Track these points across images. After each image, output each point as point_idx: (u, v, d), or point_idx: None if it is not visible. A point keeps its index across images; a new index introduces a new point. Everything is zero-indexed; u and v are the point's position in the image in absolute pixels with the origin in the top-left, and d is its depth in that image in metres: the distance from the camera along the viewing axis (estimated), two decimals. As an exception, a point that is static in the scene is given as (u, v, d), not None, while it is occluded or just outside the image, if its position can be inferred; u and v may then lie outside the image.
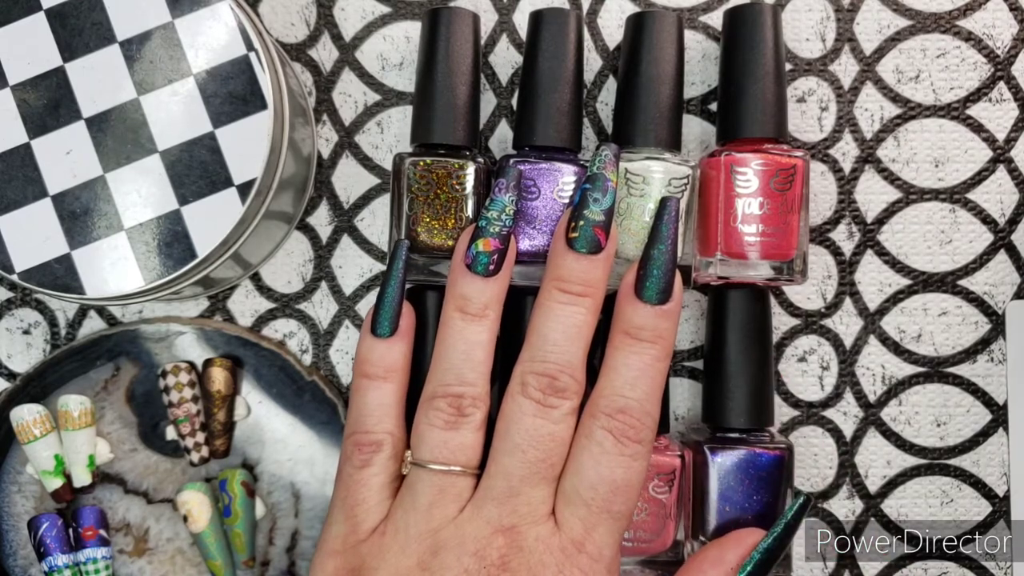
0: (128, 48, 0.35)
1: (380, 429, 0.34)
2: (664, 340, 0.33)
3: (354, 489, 0.34)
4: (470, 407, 0.33)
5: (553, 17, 0.37)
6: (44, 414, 0.40)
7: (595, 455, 0.32)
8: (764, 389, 0.37)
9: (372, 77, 0.41)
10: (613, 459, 0.32)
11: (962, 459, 0.41)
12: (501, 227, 0.34)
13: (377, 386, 0.34)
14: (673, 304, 0.34)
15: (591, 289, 0.34)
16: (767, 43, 0.37)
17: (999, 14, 0.41)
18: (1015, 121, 0.41)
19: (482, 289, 0.34)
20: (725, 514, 0.36)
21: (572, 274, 0.33)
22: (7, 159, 0.35)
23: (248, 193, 0.35)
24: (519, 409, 0.33)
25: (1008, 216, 0.41)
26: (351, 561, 0.33)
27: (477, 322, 0.34)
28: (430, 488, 0.33)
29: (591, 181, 0.34)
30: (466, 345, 0.34)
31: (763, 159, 0.36)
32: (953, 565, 0.40)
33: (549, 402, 0.33)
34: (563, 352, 0.33)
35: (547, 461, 0.33)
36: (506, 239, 0.34)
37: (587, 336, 0.34)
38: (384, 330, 0.35)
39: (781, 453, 0.36)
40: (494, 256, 0.34)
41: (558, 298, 0.33)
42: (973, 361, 0.41)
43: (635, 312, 0.33)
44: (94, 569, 0.39)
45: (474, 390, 0.33)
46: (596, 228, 0.33)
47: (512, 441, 0.33)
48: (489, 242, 0.34)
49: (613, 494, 0.32)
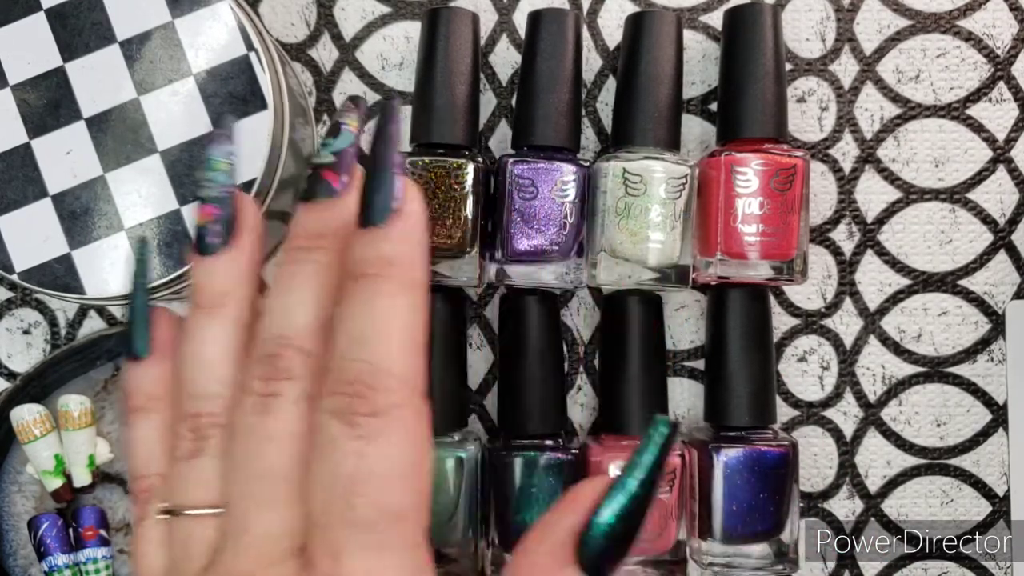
0: (128, 48, 0.35)
1: (150, 471, 0.27)
2: (397, 268, 0.24)
3: (137, 550, 0.26)
4: (210, 427, 0.25)
5: (552, 17, 0.37)
6: (44, 414, 0.40)
7: (323, 452, 0.23)
8: (766, 387, 0.37)
9: (372, 77, 0.41)
10: (342, 447, 0.23)
11: (962, 459, 0.41)
12: (219, 188, 0.27)
13: (141, 420, 0.27)
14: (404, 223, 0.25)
15: (321, 239, 0.26)
16: (767, 43, 0.37)
17: (999, 14, 0.41)
18: (1015, 121, 0.41)
19: (211, 272, 0.27)
20: (731, 513, 0.36)
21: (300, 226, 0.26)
22: (7, 159, 0.35)
23: (248, 193, 0.35)
24: (239, 411, 0.25)
25: (1008, 216, 0.41)
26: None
27: (212, 316, 0.26)
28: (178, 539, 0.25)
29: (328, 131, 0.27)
30: (200, 348, 0.26)
31: (763, 159, 0.36)
32: (953, 565, 0.40)
33: (271, 389, 0.24)
34: (289, 320, 0.25)
35: (276, 475, 0.24)
36: (229, 202, 0.27)
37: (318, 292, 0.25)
38: (139, 351, 0.27)
39: (785, 450, 0.36)
40: (216, 226, 0.27)
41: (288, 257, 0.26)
42: (973, 361, 0.41)
43: (356, 244, 0.25)
44: (94, 569, 0.39)
45: (213, 404, 0.26)
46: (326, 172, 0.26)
47: (232, 457, 0.25)
48: (207, 210, 0.27)
49: (350, 497, 0.23)
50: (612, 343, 0.38)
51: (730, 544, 0.36)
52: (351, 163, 0.27)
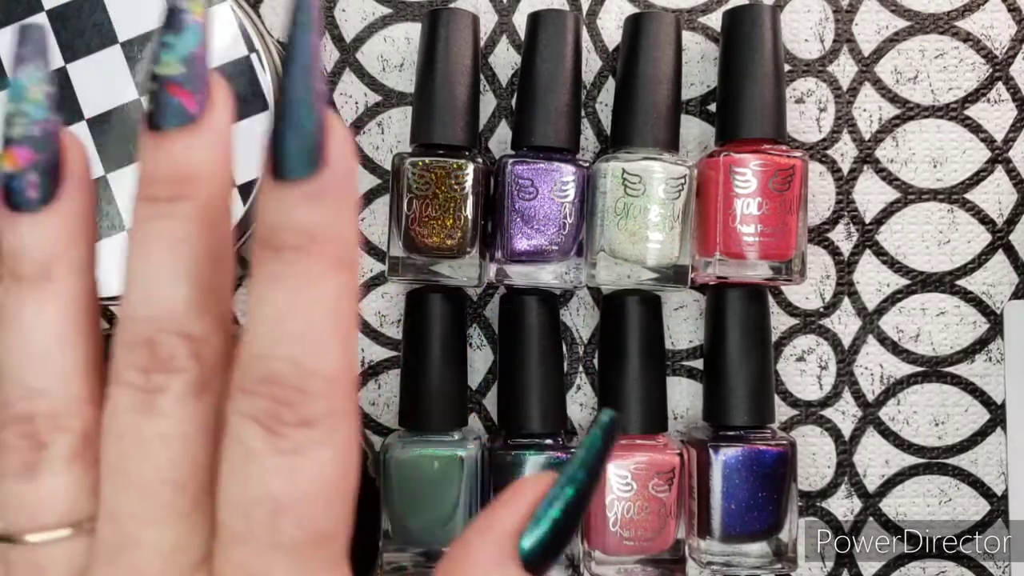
0: (129, 49, 0.35)
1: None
2: (324, 243, 0.20)
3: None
4: (48, 431, 0.21)
5: (551, 18, 0.37)
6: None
7: (238, 462, 0.20)
8: (764, 387, 0.37)
9: (373, 78, 0.41)
10: (265, 462, 0.20)
11: (960, 458, 0.41)
12: (35, 125, 0.20)
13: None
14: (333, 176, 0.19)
15: (187, 185, 0.20)
16: (766, 44, 0.37)
17: (997, 15, 0.41)
18: (1013, 121, 0.41)
19: (31, 234, 0.21)
20: (730, 512, 0.36)
21: (156, 169, 0.20)
22: (9, 159, 0.35)
23: (248, 193, 0.35)
24: (112, 407, 0.20)
25: (1006, 216, 0.41)
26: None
27: (37, 291, 0.21)
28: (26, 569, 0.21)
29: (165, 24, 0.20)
30: (23, 333, 0.21)
31: (762, 159, 0.36)
32: (952, 564, 0.40)
33: (152, 383, 0.20)
34: (165, 298, 0.20)
35: (167, 481, 0.20)
36: (47, 143, 0.21)
37: (195, 259, 0.20)
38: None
39: (784, 449, 0.36)
40: (33, 176, 0.21)
41: (143, 213, 0.20)
42: (971, 361, 0.41)
43: (272, 205, 0.20)
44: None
45: (48, 403, 0.21)
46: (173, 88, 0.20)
47: (110, 462, 0.20)
48: (19, 153, 0.20)
49: (276, 519, 0.20)
50: (611, 343, 0.38)
51: (729, 543, 0.36)
52: (205, 71, 0.20)
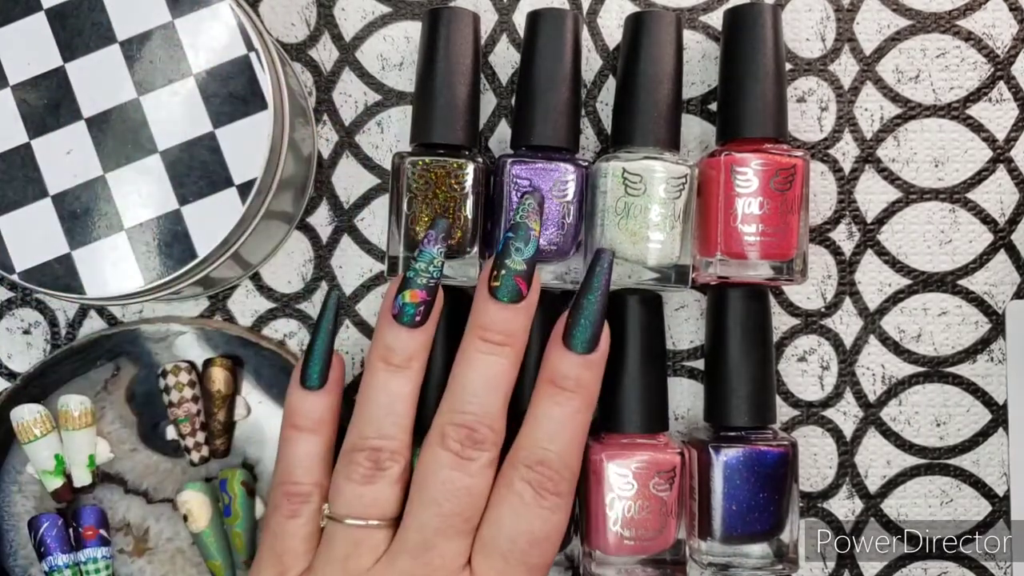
0: (128, 48, 0.35)
1: (308, 480, 0.35)
2: (586, 391, 0.34)
3: (282, 538, 0.34)
4: (388, 461, 0.34)
5: (550, 17, 0.37)
6: (44, 414, 0.40)
7: (515, 507, 0.33)
8: (766, 387, 0.37)
9: (372, 77, 0.41)
10: (532, 511, 0.33)
11: (962, 459, 0.41)
12: (428, 279, 0.34)
13: (305, 438, 0.35)
14: (598, 355, 0.34)
15: (512, 339, 0.34)
16: (767, 43, 0.37)
17: (999, 14, 0.41)
18: (1015, 121, 0.41)
19: (407, 340, 0.34)
20: (732, 513, 0.36)
21: (493, 323, 0.34)
22: (7, 159, 0.35)
23: (248, 193, 0.35)
24: (436, 461, 0.33)
25: (1008, 216, 0.41)
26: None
27: (400, 374, 0.34)
28: (345, 541, 0.33)
29: (514, 230, 0.34)
30: (388, 397, 0.34)
31: (763, 159, 0.36)
32: (953, 565, 0.40)
33: (467, 454, 0.33)
34: (482, 403, 0.33)
35: (463, 515, 0.33)
36: (433, 291, 0.34)
37: (507, 386, 0.34)
38: (313, 382, 0.35)
39: (785, 450, 0.36)
40: (420, 307, 0.34)
41: (479, 347, 0.34)
42: (973, 361, 0.41)
43: (560, 360, 0.34)
44: (94, 569, 0.39)
45: (393, 443, 0.34)
46: (517, 278, 0.34)
47: (428, 494, 0.33)
48: (416, 293, 0.34)
49: (531, 547, 0.33)
50: (612, 342, 0.38)
51: (730, 544, 0.36)
52: (534, 269, 0.34)
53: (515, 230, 0.34)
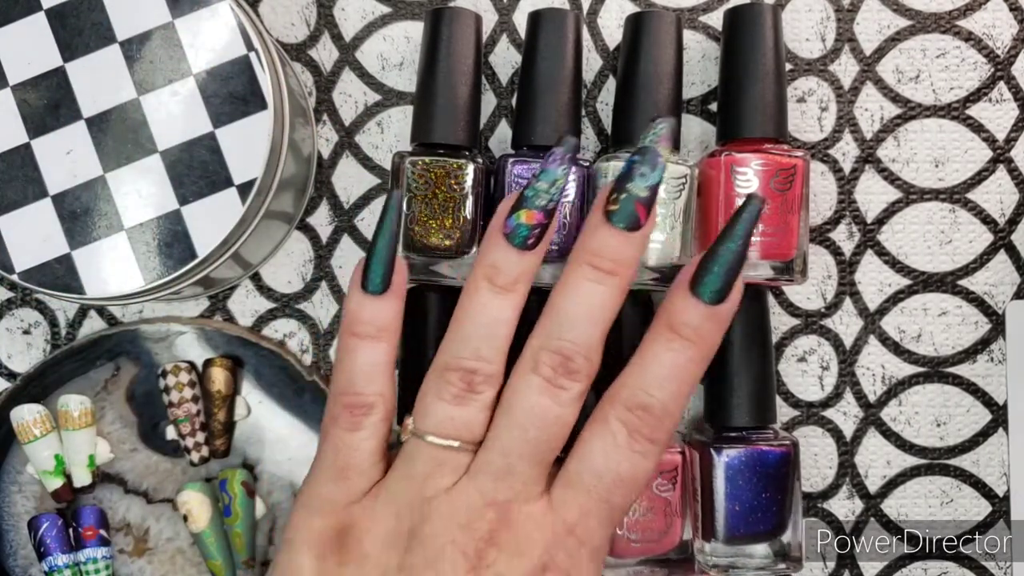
0: (128, 48, 0.35)
1: (371, 391, 0.32)
2: (706, 343, 0.31)
3: (345, 452, 0.32)
4: (482, 384, 0.32)
5: (551, 17, 0.37)
6: (44, 414, 0.40)
7: (606, 445, 0.31)
8: (766, 387, 0.37)
9: (372, 77, 0.41)
10: (623, 453, 0.31)
11: (962, 459, 0.41)
12: (548, 200, 0.31)
13: (368, 346, 0.32)
14: (726, 308, 0.31)
15: (621, 268, 0.31)
16: (767, 43, 0.37)
17: (999, 14, 0.41)
18: (1015, 121, 0.41)
19: (516, 262, 0.32)
20: (735, 513, 0.36)
21: (604, 249, 0.31)
22: (7, 159, 0.35)
23: (248, 193, 0.35)
24: (527, 386, 0.31)
25: (1008, 216, 0.41)
26: (340, 520, 0.32)
27: (504, 296, 0.32)
28: (428, 460, 0.32)
29: (641, 153, 0.31)
30: (488, 319, 0.32)
31: (763, 159, 0.36)
32: (953, 565, 0.40)
33: (559, 383, 0.31)
34: (581, 332, 0.31)
35: (549, 443, 0.31)
36: (551, 214, 0.32)
37: (609, 318, 0.32)
38: (376, 286, 0.32)
39: (787, 449, 0.36)
40: (535, 230, 0.31)
41: (585, 273, 0.31)
42: (973, 361, 0.41)
43: (684, 306, 0.31)
44: (94, 569, 0.39)
45: (489, 367, 0.32)
46: (638, 204, 0.31)
47: (515, 418, 0.31)
48: (533, 214, 0.31)
49: (616, 486, 0.31)
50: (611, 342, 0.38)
51: (733, 545, 0.36)
52: (655, 197, 0.31)
53: (642, 154, 0.31)
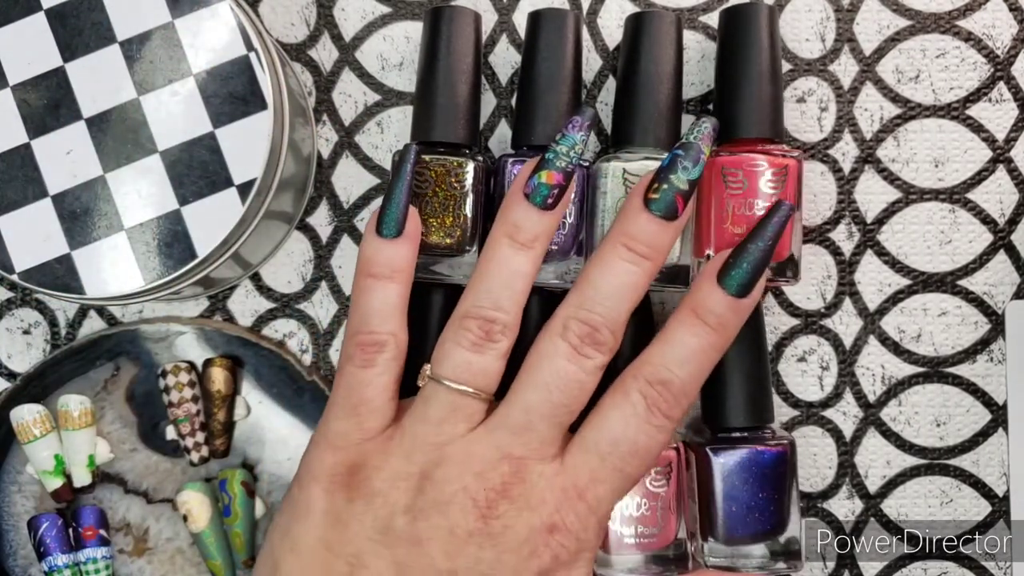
0: (128, 48, 0.35)
1: (384, 330, 0.34)
2: (726, 332, 0.33)
3: (358, 388, 0.33)
4: (499, 334, 0.33)
5: (551, 17, 0.37)
6: (44, 414, 0.40)
7: (625, 415, 0.32)
8: (762, 386, 0.37)
9: (372, 77, 0.41)
10: (640, 424, 0.32)
11: (962, 459, 0.41)
12: (568, 163, 0.33)
13: (382, 286, 0.34)
14: (748, 302, 0.33)
15: (655, 253, 0.33)
16: (762, 43, 0.37)
17: (999, 14, 0.41)
18: (1015, 121, 0.41)
19: (536, 220, 0.33)
20: (732, 513, 0.36)
21: (642, 234, 0.33)
22: (7, 159, 0.35)
23: (248, 193, 0.35)
24: (554, 349, 0.33)
25: (1008, 216, 0.41)
26: (352, 457, 0.33)
27: (523, 252, 0.33)
28: (444, 404, 0.33)
29: (684, 148, 0.33)
30: (508, 272, 0.33)
31: (754, 160, 0.36)
32: (953, 565, 0.40)
33: (585, 351, 0.32)
34: (611, 307, 0.33)
35: (569, 407, 0.33)
36: (569, 176, 0.33)
37: (637, 299, 0.33)
38: (391, 230, 0.34)
39: (783, 449, 0.36)
40: (555, 190, 0.33)
41: (621, 253, 0.33)
42: (973, 361, 0.41)
43: (710, 294, 0.33)
44: (94, 569, 0.39)
45: (506, 318, 0.33)
46: (678, 195, 0.33)
47: (540, 378, 0.33)
48: (553, 175, 0.33)
49: (630, 455, 0.32)
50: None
51: (732, 545, 0.36)
52: (693, 192, 0.33)
53: (685, 149, 0.33)
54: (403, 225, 0.34)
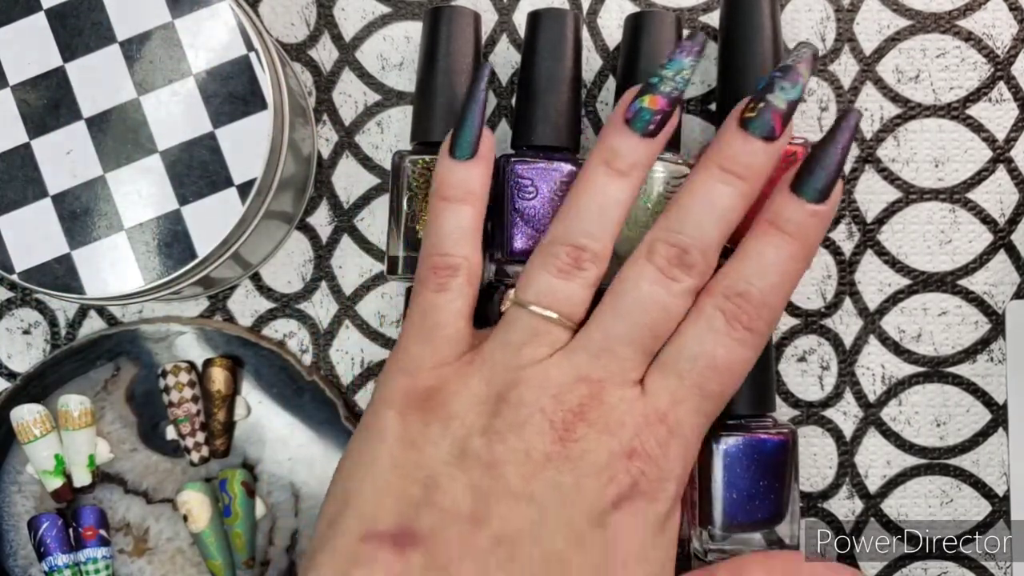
0: (128, 48, 0.35)
1: (457, 252, 0.33)
2: (807, 240, 0.32)
3: (432, 313, 0.33)
4: (589, 262, 0.32)
5: (550, 17, 0.37)
6: (44, 414, 0.40)
7: (700, 330, 0.31)
8: (764, 375, 0.37)
9: (372, 77, 0.41)
10: (719, 338, 0.31)
11: (962, 459, 0.41)
12: (674, 87, 0.32)
13: (456, 209, 0.33)
14: (828, 207, 0.32)
15: (751, 175, 0.32)
16: (765, 41, 0.37)
17: (999, 14, 0.41)
18: (1015, 121, 0.41)
19: (635, 147, 0.32)
20: (732, 501, 0.36)
21: (737, 154, 0.32)
22: (7, 159, 0.35)
23: (248, 193, 0.35)
24: (639, 273, 0.32)
25: (1008, 216, 0.41)
26: (427, 381, 0.32)
27: (620, 179, 0.32)
28: (526, 329, 0.32)
29: (783, 71, 0.32)
30: (603, 199, 0.32)
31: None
32: (953, 565, 0.40)
33: (672, 273, 0.31)
34: (702, 229, 0.31)
35: (653, 331, 0.31)
36: (675, 102, 0.32)
37: (732, 220, 0.32)
38: (464, 152, 0.33)
39: (785, 437, 0.36)
40: (657, 116, 0.32)
41: (714, 174, 0.32)
42: (973, 361, 0.41)
43: (785, 204, 0.32)
44: (94, 569, 0.39)
45: (597, 246, 0.32)
46: (775, 114, 0.31)
47: (623, 303, 0.31)
48: (656, 99, 0.32)
49: (710, 371, 0.31)
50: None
51: (731, 532, 0.36)
52: (791, 115, 0.32)
53: (784, 71, 0.32)
54: (477, 146, 0.33)
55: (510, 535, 0.30)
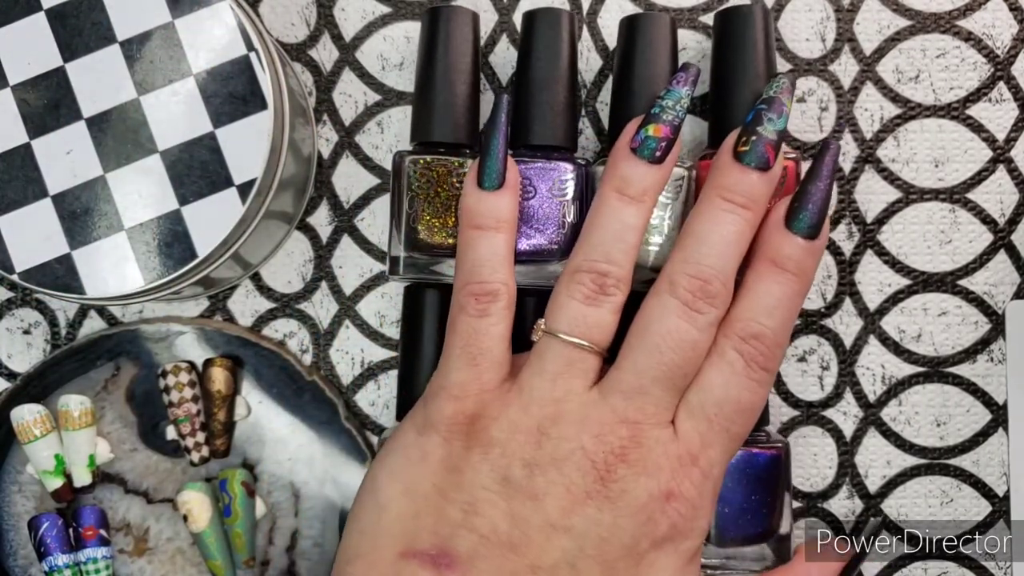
0: (128, 48, 0.35)
1: (495, 279, 0.33)
2: (806, 276, 0.33)
3: (475, 338, 0.33)
4: (613, 287, 0.33)
5: (546, 17, 0.37)
6: (44, 414, 0.40)
7: (724, 374, 0.32)
8: None
9: (372, 77, 0.41)
10: (741, 381, 0.32)
11: (962, 459, 0.41)
12: (674, 116, 0.34)
13: (489, 236, 0.34)
14: (820, 242, 0.33)
15: (753, 204, 0.33)
16: (757, 45, 0.37)
17: (999, 14, 0.41)
18: (1015, 121, 0.41)
19: (644, 174, 0.33)
20: (724, 515, 0.36)
21: (737, 185, 0.33)
22: (7, 159, 0.35)
23: (248, 193, 0.35)
24: (663, 308, 0.32)
25: (1008, 216, 0.41)
26: (471, 407, 0.33)
27: (633, 205, 0.33)
28: (559, 358, 0.33)
29: (766, 103, 0.33)
30: (619, 225, 0.33)
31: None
32: (953, 565, 0.40)
33: (697, 306, 0.32)
34: (719, 258, 0.32)
35: (682, 369, 0.32)
36: (677, 129, 0.34)
37: (743, 249, 0.33)
38: (493, 183, 0.34)
39: (777, 452, 0.36)
40: (662, 143, 0.33)
41: (720, 205, 0.33)
42: (973, 361, 0.41)
43: (784, 242, 0.33)
44: (94, 569, 0.39)
45: (620, 271, 0.33)
46: (767, 144, 0.33)
47: (651, 339, 0.32)
48: (660, 128, 0.33)
49: (736, 415, 0.32)
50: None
51: (723, 547, 0.36)
52: (782, 144, 0.33)
53: (768, 103, 0.33)
54: (504, 176, 0.34)
55: (547, 565, 0.31)
